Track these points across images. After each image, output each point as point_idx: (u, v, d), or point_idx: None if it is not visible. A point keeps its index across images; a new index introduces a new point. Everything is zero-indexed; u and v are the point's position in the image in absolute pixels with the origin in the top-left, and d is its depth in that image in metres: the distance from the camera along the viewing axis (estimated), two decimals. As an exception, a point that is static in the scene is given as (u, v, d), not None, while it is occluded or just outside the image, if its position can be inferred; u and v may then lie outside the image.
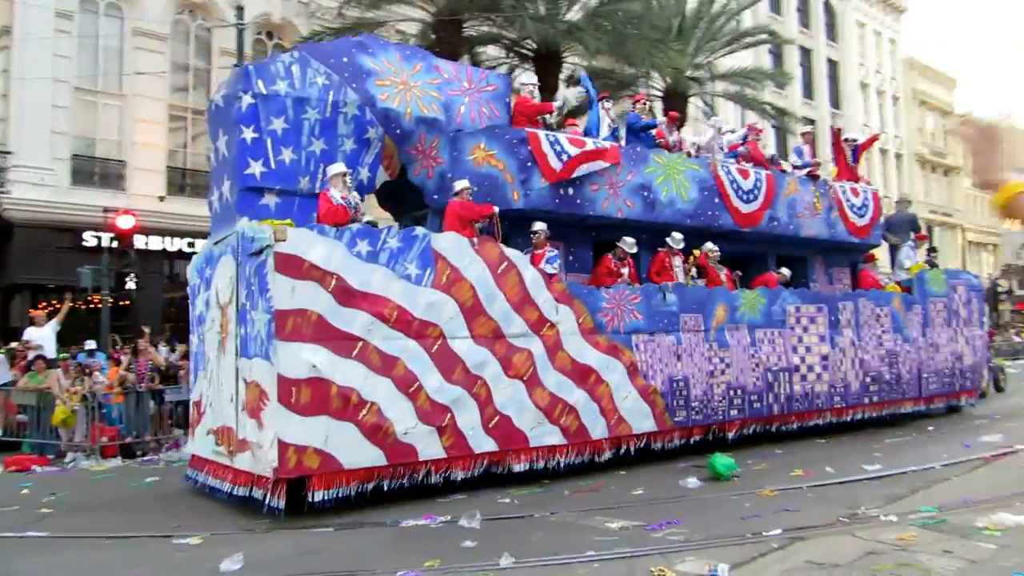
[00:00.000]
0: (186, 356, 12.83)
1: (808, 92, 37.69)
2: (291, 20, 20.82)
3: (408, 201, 9.68)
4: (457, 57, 19.62)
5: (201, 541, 6.29)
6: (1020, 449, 9.34)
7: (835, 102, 39.78)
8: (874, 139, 16.65)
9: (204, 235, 18.25)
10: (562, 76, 21.70)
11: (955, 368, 13.78)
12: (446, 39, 18.88)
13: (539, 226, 9.22)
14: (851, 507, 6.60)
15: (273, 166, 8.40)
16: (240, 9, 16.80)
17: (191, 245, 18.43)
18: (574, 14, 19.46)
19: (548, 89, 21.19)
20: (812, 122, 36.65)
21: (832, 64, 40.02)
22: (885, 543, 5.34)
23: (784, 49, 34.23)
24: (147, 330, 13.96)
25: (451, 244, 8.19)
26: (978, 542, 5.30)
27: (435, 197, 9.30)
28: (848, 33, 41.05)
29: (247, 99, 8.31)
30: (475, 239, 8.44)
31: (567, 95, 17.46)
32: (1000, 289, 42.55)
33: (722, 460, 8.33)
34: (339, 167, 8.50)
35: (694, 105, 24.78)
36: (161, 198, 19.03)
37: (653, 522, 6.26)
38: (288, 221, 7.71)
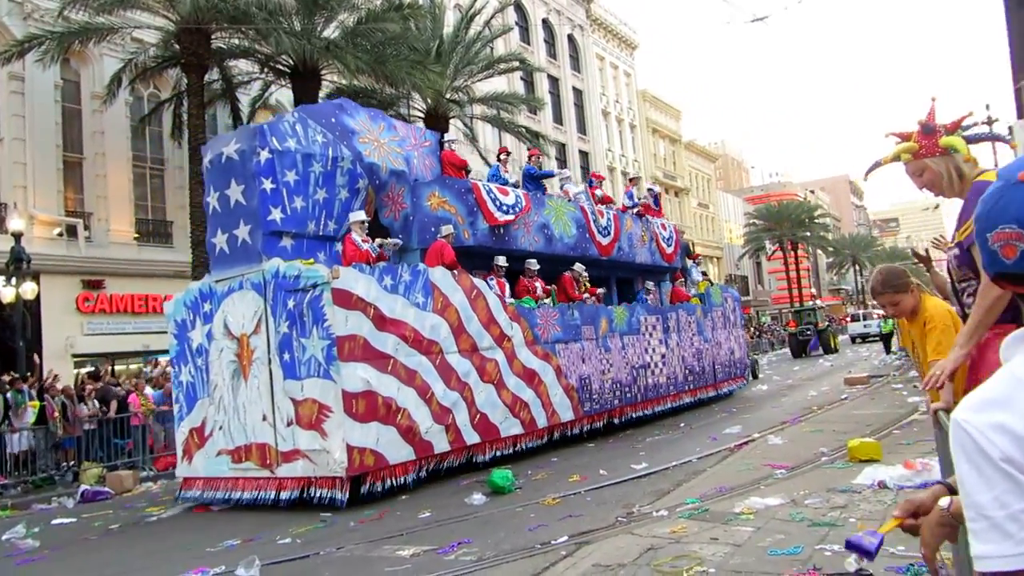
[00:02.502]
0: None
1: (558, 118, 40.15)
2: (1, 21, 18.28)
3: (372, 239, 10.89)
4: (205, 70, 18.45)
5: None
6: (757, 437, 10.48)
7: (582, 128, 42.75)
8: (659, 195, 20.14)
9: None
10: (322, 94, 21.20)
11: (731, 360, 17.71)
12: (192, 50, 17.65)
13: (502, 260, 11.68)
14: (627, 506, 6.98)
15: (289, 213, 9.72)
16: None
17: None
18: (332, 31, 19.09)
19: (308, 107, 20.59)
20: (563, 144, 39.13)
21: (578, 93, 43.01)
22: (661, 537, 5.67)
23: (535, 77, 36.23)
24: None
25: (441, 276, 10.02)
26: (737, 526, 5.79)
27: (400, 236, 11.03)
28: (590, 65, 44.39)
29: (265, 154, 9.56)
30: (455, 271, 10.26)
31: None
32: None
33: (499, 474, 8.49)
34: (360, 215, 10.23)
35: (454, 127, 25.35)
36: None
37: (444, 544, 6.16)
38: (311, 260, 9.19)
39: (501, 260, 11.70)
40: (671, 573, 4.82)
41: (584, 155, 42.04)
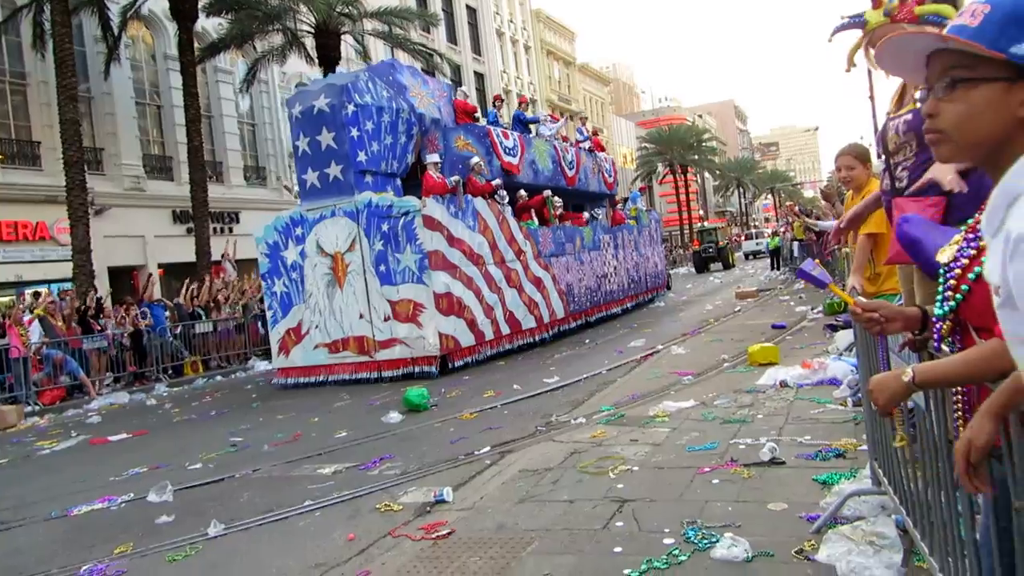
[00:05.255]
0: None
1: (452, 37, 39.07)
2: None
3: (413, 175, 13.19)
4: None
5: None
6: (661, 349, 10.85)
7: (476, 48, 41.81)
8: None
9: None
10: (201, 4, 19.74)
11: (656, 272, 21.50)
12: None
13: (523, 192, 14.54)
14: (545, 416, 7.11)
15: (369, 155, 11.99)
16: None
17: None
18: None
19: (188, 18, 19.19)
20: (458, 65, 38.19)
21: (471, 11, 41.88)
22: (582, 442, 5.81)
23: (428, -7, 34.97)
24: None
25: (482, 204, 12.59)
26: (654, 428, 6.00)
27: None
28: (483, -18, 43.15)
29: (351, 108, 11.77)
30: (488, 201, 12.84)
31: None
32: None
33: (414, 392, 8.48)
34: (435, 157, 12.70)
35: (346, 43, 24.23)
36: None
37: (366, 461, 6.11)
38: (390, 192, 11.94)
39: (522, 192, 14.71)
40: (597, 473, 4.95)
41: (479, 76, 41.28)
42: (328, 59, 22.52)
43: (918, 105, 2.97)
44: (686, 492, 4.33)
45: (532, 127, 17.29)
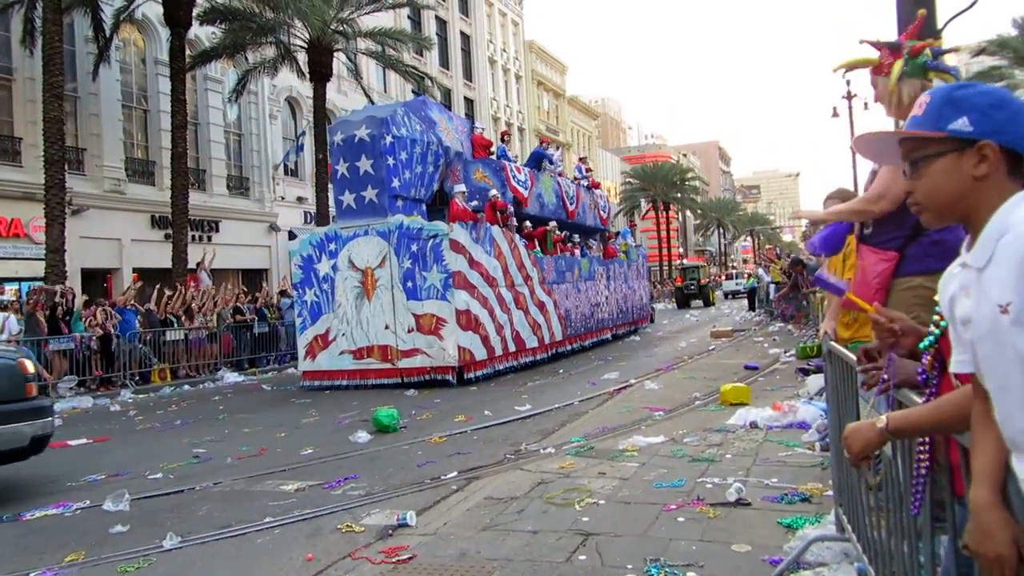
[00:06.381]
0: None
1: (444, 62, 39.32)
2: None
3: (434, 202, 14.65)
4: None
5: None
6: (634, 383, 10.85)
7: (468, 75, 42.11)
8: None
9: None
10: (195, 12, 19.76)
11: (642, 304, 23.11)
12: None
13: (527, 223, 15.69)
14: (514, 444, 7.06)
15: (402, 182, 13.21)
16: None
17: None
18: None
19: (182, 25, 19.18)
20: (449, 90, 38.37)
21: (465, 38, 42.23)
22: (550, 472, 5.77)
23: (422, 17, 35.24)
24: None
25: (497, 232, 13.74)
26: (623, 462, 5.98)
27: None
28: (478, 10, 43.61)
29: (389, 139, 12.94)
30: (502, 228, 14.03)
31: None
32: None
33: (384, 412, 8.39)
34: (462, 187, 14.17)
35: (338, 60, 24.31)
36: None
37: (330, 480, 6.02)
38: (417, 216, 13.01)
39: (527, 222, 15.85)
40: (563, 504, 4.91)
41: (469, 102, 41.54)
42: (320, 74, 22.58)
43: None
44: (651, 528, 4.30)
45: (543, 163, 18.67)
